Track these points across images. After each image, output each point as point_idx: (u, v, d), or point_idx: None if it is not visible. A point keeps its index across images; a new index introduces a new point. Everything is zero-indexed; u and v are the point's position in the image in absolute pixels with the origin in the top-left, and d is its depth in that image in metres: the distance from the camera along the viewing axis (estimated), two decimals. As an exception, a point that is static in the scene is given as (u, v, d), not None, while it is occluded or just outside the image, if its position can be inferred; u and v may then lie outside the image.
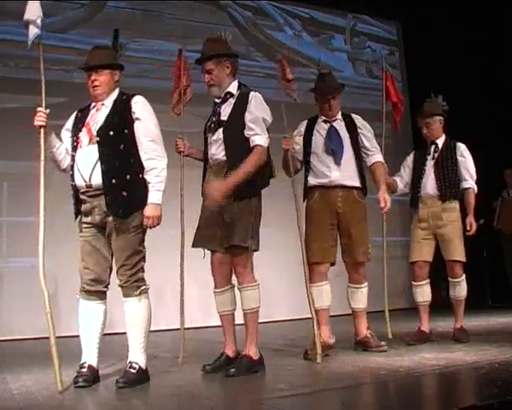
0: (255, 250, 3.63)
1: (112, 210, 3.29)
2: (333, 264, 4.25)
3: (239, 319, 3.76)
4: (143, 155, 3.35)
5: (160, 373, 3.64)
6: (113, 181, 3.28)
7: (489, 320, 5.94)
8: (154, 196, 3.31)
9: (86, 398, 3.10)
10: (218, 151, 3.64)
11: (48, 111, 3.39)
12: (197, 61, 3.75)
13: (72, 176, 3.41)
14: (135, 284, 3.34)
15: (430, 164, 4.71)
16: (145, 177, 3.34)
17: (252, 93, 3.71)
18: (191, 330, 5.83)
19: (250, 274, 3.61)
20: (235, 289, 3.71)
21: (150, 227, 3.31)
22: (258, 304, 3.62)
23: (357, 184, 4.23)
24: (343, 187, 4.19)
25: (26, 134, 6.48)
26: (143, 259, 3.39)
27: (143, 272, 3.39)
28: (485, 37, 8.00)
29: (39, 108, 3.38)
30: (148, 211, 3.29)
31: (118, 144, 3.32)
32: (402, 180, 4.86)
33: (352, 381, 3.20)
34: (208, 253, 3.71)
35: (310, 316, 3.92)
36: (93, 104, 3.50)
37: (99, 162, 3.29)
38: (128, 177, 3.31)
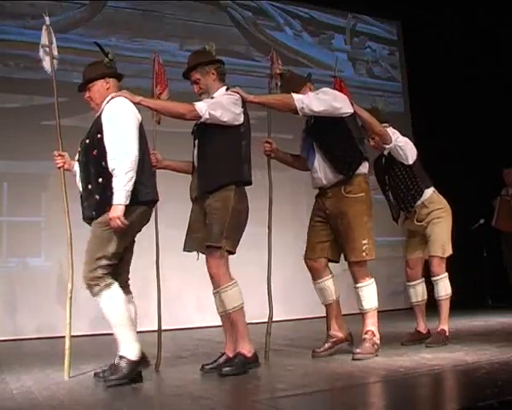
0: (230, 252, 3.58)
1: (86, 214, 3.45)
2: (331, 261, 4.15)
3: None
4: (107, 157, 3.36)
5: (160, 373, 3.64)
6: (89, 187, 3.41)
7: (489, 320, 5.94)
8: (114, 197, 3.30)
9: (86, 398, 3.10)
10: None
11: (65, 154, 3.70)
12: (184, 74, 3.83)
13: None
14: (93, 281, 3.33)
15: (387, 179, 4.59)
16: None
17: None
18: (191, 331, 5.84)
19: (225, 275, 3.57)
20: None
21: (115, 229, 3.29)
22: (240, 301, 3.59)
23: (339, 178, 3.99)
24: (328, 187, 4.06)
25: (26, 134, 6.54)
26: (107, 258, 3.35)
27: (106, 270, 3.35)
28: (485, 36, 8.01)
29: (55, 153, 3.70)
30: (110, 212, 3.30)
31: (92, 150, 3.42)
32: None
33: (352, 381, 3.20)
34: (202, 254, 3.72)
35: (310, 316, 3.94)
36: None
37: (81, 171, 3.52)
38: (100, 180, 3.36)
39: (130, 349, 3.33)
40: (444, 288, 4.46)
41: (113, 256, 3.37)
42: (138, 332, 3.44)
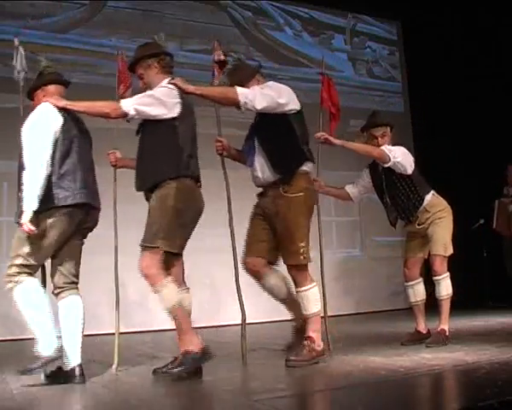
0: (172, 253, 3.47)
1: (15, 219, 3.51)
2: (269, 262, 3.91)
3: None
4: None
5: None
6: (19, 193, 3.47)
7: (489, 320, 5.93)
8: (23, 203, 3.35)
9: (86, 398, 3.10)
10: None
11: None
12: (130, 69, 3.79)
13: None
14: (7, 278, 3.39)
15: (385, 187, 4.54)
16: None
17: None
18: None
19: (158, 276, 3.43)
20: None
21: (26, 233, 3.31)
22: (174, 300, 3.45)
23: (277, 177, 3.79)
24: (267, 186, 3.87)
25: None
26: (22, 257, 3.38)
27: (20, 269, 3.38)
28: (485, 36, 8.01)
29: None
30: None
31: (20, 157, 3.52)
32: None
33: (352, 381, 3.20)
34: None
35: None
36: None
37: None
38: (22, 186, 3.43)
39: (42, 346, 3.33)
40: (445, 287, 4.46)
41: (28, 256, 3.39)
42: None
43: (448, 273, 4.48)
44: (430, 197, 4.50)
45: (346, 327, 5.91)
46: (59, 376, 3.38)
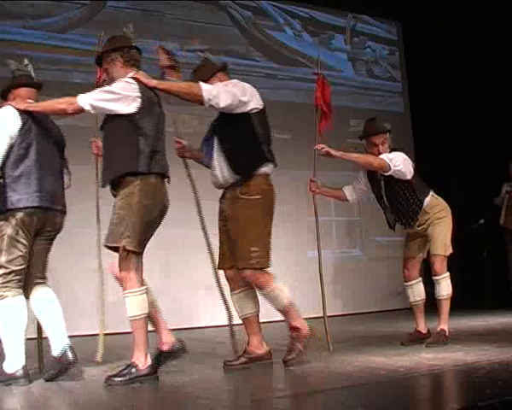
0: (135, 253, 3.34)
1: None
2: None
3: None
4: None
5: (159, 373, 3.63)
6: None
7: (489, 320, 5.94)
8: None
9: (85, 398, 3.10)
10: None
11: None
12: (97, 64, 3.73)
13: None
14: None
15: (384, 193, 4.52)
16: None
17: None
18: (192, 331, 5.84)
19: (133, 279, 3.33)
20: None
21: None
22: (140, 312, 3.32)
23: (235, 178, 3.67)
24: (226, 187, 3.75)
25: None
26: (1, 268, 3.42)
27: (3, 279, 3.40)
28: (484, 36, 8.01)
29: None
30: None
31: None
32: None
33: (352, 381, 3.20)
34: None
35: (310, 316, 3.92)
36: None
37: None
38: None
39: (8, 363, 3.37)
40: (445, 287, 4.45)
41: (7, 264, 3.42)
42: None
43: (448, 273, 4.47)
44: (429, 198, 4.49)
45: (346, 327, 5.91)
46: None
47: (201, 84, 3.58)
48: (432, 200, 4.50)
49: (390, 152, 4.39)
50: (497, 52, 7.94)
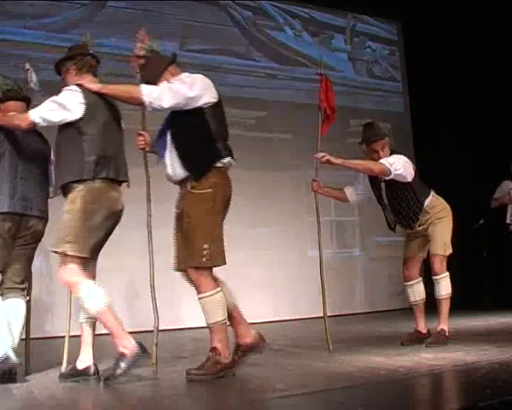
0: (79, 258, 3.34)
1: None
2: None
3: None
4: None
5: (159, 373, 3.64)
6: None
7: (489, 320, 5.94)
8: None
9: (86, 398, 3.11)
10: None
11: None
12: (57, 74, 3.76)
13: None
14: None
15: (384, 194, 4.53)
16: None
17: None
18: (192, 331, 5.84)
19: (78, 284, 3.34)
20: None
21: None
22: (90, 313, 3.39)
23: (187, 174, 3.50)
24: (178, 182, 3.60)
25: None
26: None
27: None
28: (484, 36, 8.01)
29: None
30: None
31: None
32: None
33: (352, 381, 3.20)
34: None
35: (310, 316, 3.92)
36: None
37: None
38: None
39: None
40: (445, 287, 4.45)
41: None
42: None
43: (447, 273, 4.48)
44: (430, 199, 4.49)
45: (346, 327, 5.91)
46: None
47: (142, 86, 3.48)
48: (432, 200, 4.51)
49: (390, 155, 4.40)
50: (497, 52, 7.94)
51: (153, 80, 3.53)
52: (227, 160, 3.55)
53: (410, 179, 4.36)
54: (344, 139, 7.62)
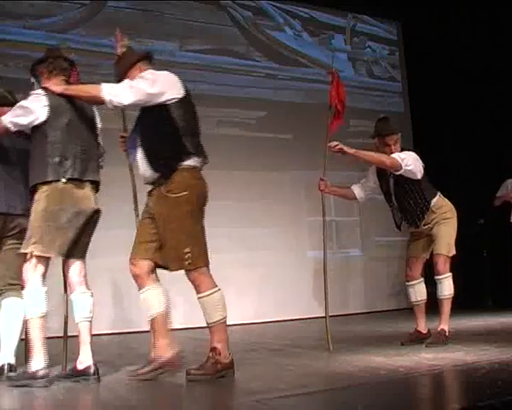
0: (44, 258, 3.39)
1: None
2: (160, 267, 3.54)
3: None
4: None
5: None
6: None
7: (489, 320, 5.94)
8: None
9: (86, 398, 3.11)
10: None
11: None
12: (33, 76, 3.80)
13: None
14: None
15: (392, 190, 4.54)
16: None
17: None
18: (193, 330, 5.83)
19: (29, 281, 3.39)
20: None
21: None
22: (31, 315, 3.36)
23: (157, 175, 3.46)
24: (151, 183, 3.55)
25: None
26: None
27: None
28: (484, 36, 8.01)
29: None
30: None
31: None
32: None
33: (352, 381, 3.20)
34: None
35: (310, 316, 3.92)
36: None
37: None
38: None
39: None
40: (447, 287, 4.46)
41: None
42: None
43: (450, 274, 4.49)
44: (436, 199, 4.52)
45: (346, 327, 5.91)
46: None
47: (103, 85, 3.46)
48: (439, 200, 4.54)
49: (401, 152, 4.42)
50: (497, 52, 7.94)
51: (120, 77, 3.54)
52: (197, 159, 3.48)
53: (419, 177, 4.38)
54: (344, 139, 7.50)
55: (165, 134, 3.43)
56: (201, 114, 3.81)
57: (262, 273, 7.19)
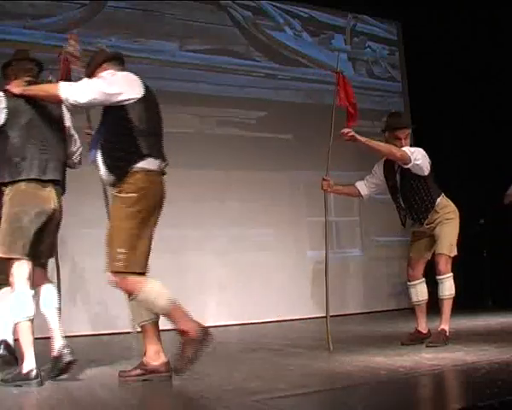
0: (11, 259, 3.43)
1: None
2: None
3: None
4: None
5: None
6: None
7: (489, 320, 5.94)
8: None
9: (86, 398, 3.10)
10: None
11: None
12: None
13: None
14: None
15: (399, 185, 4.57)
16: None
17: None
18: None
19: (13, 284, 3.44)
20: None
21: None
22: (19, 319, 3.42)
23: (110, 177, 3.43)
24: (110, 185, 3.54)
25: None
26: None
27: None
28: (484, 36, 8.01)
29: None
30: None
31: None
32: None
33: (352, 381, 3.20)
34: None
35: (310, 316, 3.92)
36: None
37: None
38: None
39: None
40: (448, 287, 4.46)
41: None
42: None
43: (452, 274, 4.50)
44: (440, 199, 4.54)
45: (346, 327, 5.91)
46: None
47: (61, 83, 3.50)
48: (442, 201, 4.56)
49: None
50: (497, 52, 7.94)
51: (87, 76, 3.55)
52: (153, 161, 3.42)
53: (426, 173, 4.43)
54: (343, 139, 7.61)
55: (119, 135, 3.40)
56: (201, 114, 3.82)
57: (262, 273, 7.19)
